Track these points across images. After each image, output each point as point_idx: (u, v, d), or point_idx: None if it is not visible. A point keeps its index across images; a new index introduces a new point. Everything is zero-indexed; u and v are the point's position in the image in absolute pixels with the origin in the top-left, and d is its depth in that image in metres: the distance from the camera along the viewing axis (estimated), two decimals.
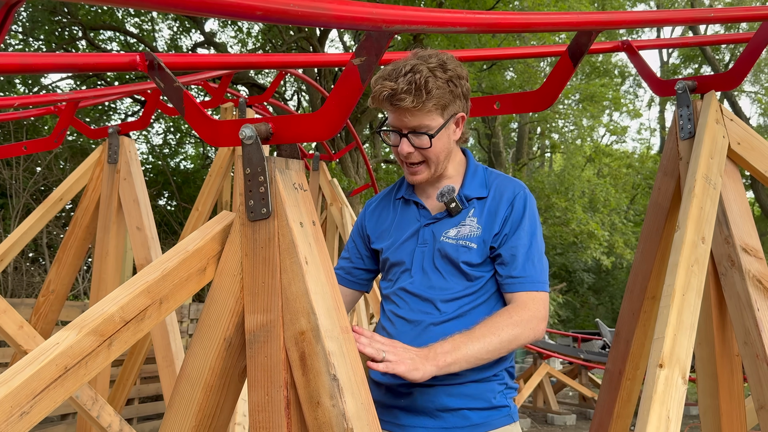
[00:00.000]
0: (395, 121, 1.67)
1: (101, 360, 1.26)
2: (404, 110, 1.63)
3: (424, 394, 1.65)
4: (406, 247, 1.76)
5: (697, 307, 1.85)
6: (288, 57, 2.79)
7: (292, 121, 1.43)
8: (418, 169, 1.72)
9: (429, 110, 1.63)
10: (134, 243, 3.41)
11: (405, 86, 1.59)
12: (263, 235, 1.41)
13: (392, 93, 1.60)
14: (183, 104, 1.55)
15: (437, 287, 1.69)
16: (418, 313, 1.69)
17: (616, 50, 2.61)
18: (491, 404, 1.66)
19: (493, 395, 1.67)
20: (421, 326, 1.67)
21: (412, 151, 1.68)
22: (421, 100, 1.59)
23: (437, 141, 1.68)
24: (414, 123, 1.65)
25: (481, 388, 1.66)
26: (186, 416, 1.45)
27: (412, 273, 1.73)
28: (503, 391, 1.70)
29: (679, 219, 2.00)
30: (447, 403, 1.64)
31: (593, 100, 20.70)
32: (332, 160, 7.11)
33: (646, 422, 1.62)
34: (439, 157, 1.71)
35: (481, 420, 1.65)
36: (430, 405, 1.64)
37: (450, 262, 1.69)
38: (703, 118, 2.20)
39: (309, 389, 1.32)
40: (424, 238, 1.73)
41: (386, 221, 1.85)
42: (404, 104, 1.60)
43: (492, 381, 1.68)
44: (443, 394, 1.64)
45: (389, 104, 1.63)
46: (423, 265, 1.72)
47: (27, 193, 8.50)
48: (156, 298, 1.35)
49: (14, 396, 1.13)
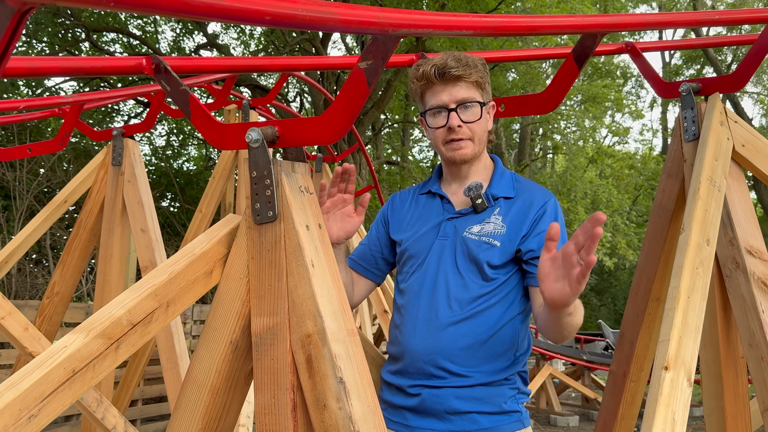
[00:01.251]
0: (443, 96, 1.69)
1: (109, 363, 1.27)
2: (453, 81, 1.67)
3: (432, 396, 1.63)
4: (426, 240, 1.75)
5: (702, 309, 1.84)
6: (293, 60, 2.79)
7: (298, 125, 1.43)
8: (466, 143, 1.72)
9: (474, 83, 1.69)
10: (138, 245, 3.42)
11: (452, 60, 1.66)
12: (269, 238, 1.41)
13: (441, 65, 1.66)
14: (189, 107, 1.56)
15: (453, 284, 1.68)
16: (431, 310, 1.68)
17: (619, 52, 2.61)
18: (501, 409, 1.65)
19: (503, 400, 1.65)
20: (433, 326, 1.66)
21: (461, 124, 1.69)
22: (468, 70, 1.66)
23: (482, 119, 1.72)
24: (462, 94, 1.68)
25: (491, 392, 1.64)
26: (192, 419, 1.46)
27: (429, 266, 1.72)
28: (515, 396, 1.68)
29: (684, 221, 2.00)
30: (456, 405, 1.62)
31: (595, 101, 20.72)
32: (335, 161, 7.12)
33: (652, 425, 1.62)
34: (482, 136, 1.74)
35: (491, 424, 1.63)
36: (438, 407, 1.63)
37: (470, 258, 1.68)
38: (708, 120, 2.20)
39: (315, 392, 1.32)
40: (446, 232, 1.73)
41: (409, 213, 1.84)
42: (454, 72, 1.65)
43: (503, 385, 1.66)
44: (452, 397, 1.62)
45: (438, 78, 1.67)
46: (441, 258, 1.71)
47: (30, 194, 8.52)
48: (163, 301, 1.35)
49: (23, 399, 1.14)
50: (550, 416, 8.88)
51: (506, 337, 1.67)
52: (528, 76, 15.53)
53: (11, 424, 1.12)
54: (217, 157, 15.61)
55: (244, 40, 16.09)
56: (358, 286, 1.88)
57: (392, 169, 17.53)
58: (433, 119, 1.73)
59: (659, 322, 2.49)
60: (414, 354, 1.67)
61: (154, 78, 1.65)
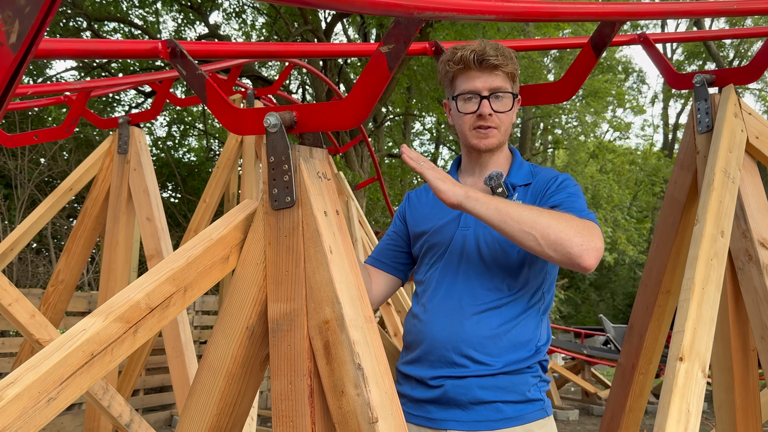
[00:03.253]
0: (477, 83, 1.70)
1: (126, 347, 1.26)
2: (490, 69, 1.68)
3: (456, 387, 1.62)
4: (447, 231, 1.74)
5: (716, 300, 1.84)
6: (306, 46, 2.76)
7: (316, 110, 1.42)
8: (493, 131, 1.72)
9: (508, 74, 1.70)
10: (144, 233, 3.41)
11: (491, 48, 1.67)
12: (287, 223, 1.40)
13: (480, 52, 1.67)
14: (205, 92, 1.54)
15: (477, 273, 1.67)
16: (454, 299, 1.67)
17: (632, 43, 2.60)
18: (525, 397, 1.63)
19: (527, 388, 1.63)
20: (456, 315, 1.65)
21: (492, 113, 1.69)
22: (505, 60, 1.67)
23: (512, 110, 1.73)
24: (497, 83, 1.69)
25: (514, 381, 1.62)
26: (207, 404, 1.45)
27: (452, 256, 1.71)
28: (537, 384, 1.67)
29: (698, 212, 1.99)
30: (480, 395, 1.60)
31: (597, 96, 20.67)
32: (338, 153, 7.11)
33: (667, 415, 1.62)
34: (508, 128, 1.75)
35: (515, 413, 1.61)
36: (462, 398, 1.61)
37: (493, 247, 1.67)
38: (722, 112, 2.19)
39: (333, 378, 1.32)
40: (467, 222, 1.72)
41: (427, 207, 1.84)
42: (493, 60, 1.66)
43: (526, 373, 1.64)
44: (476, 386, 1.61)
45: (476, 64, 1.68)
46: (464, 248, 1.70)
47: (32, 184, 8.50)
48: (181, 286, 1.34)
49: (42, 381, 1.13)
50: None
51: (529, 326, 1.66)
52: (530, 70, 15.47)
53: (31, 407, 1.12)
54: (217, 149, 15.58)
55: (246, 31, 16.03)
56: (377, 282, 1.86)
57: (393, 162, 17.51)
58: (463, 104, 1.72)
59: (669, 315, 2.49)
60: (437, 342, 1.65)
61: (169, 62, 1.64)
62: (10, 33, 0.62)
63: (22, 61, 0.63)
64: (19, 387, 1.10)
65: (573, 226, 1.48)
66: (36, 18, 0.61)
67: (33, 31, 0.61)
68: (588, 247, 1.46)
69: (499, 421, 1.60)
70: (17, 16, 0.62)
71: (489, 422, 1.60)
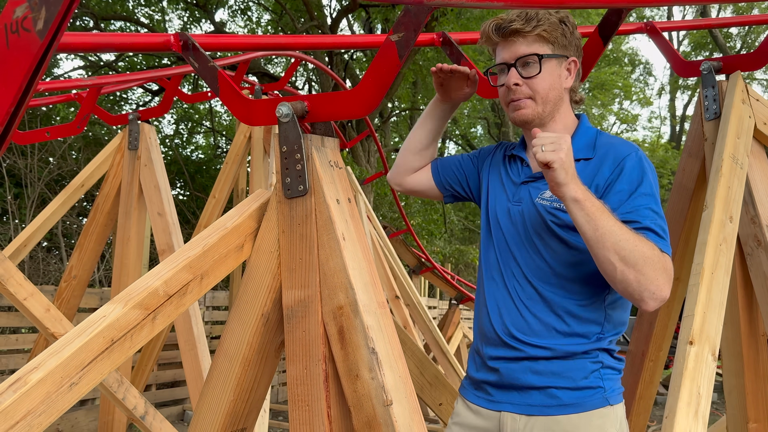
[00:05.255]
0: (503, 53, 1.61)
1: (146, 333, 1.28)
2: (513, 36, 1.58)
3: (509, 371, 1.57)
4: (502, 204, 1.67)
5: (726, 285, 1.85)
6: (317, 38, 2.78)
7: (327, 99, 1.44)
8: (524, 102, 1.60)
9: (538, 37, 1.58)
10: (155, 228, 3.44)
11: (515, 16, 1.58)
12: (300, 212, 1.42)
13: (501, 20, 1.59)
14: (218, 84, 1.57)
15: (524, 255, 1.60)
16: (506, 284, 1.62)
17: (639, 31, 2.61)
18: (579, 385, 1.52)
19: (583, 374, 1.53)
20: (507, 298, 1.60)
21: (519, 83, 1.59)
22: (531, 24, 1.56)
23: (546, 74, 1.59)
24: (523, 49, 1.58)
25: (569, 366, 1.53)
26: (224, 390, 1.48)
27: (504, 234, 1.64)
28: (598, 370, 1.55)
29: (707, 198, 2.00)
30: (531, 380, 1.54)
31: (603, 88, 20.61)
32: (345, 147, 7.12)
33: (677, 398, 1.63)
34: (548, 94, 1.60)
35: (572, 400, 1.52)
36: (516, 381, 1.56)
37: (541, 225, 1.58)
38: (729, 98, 2.19)
39: (348, 362, 1.34)
40: (520, 196, 1.64)
41: (495, 173, 1.75)
42: (512, 26, 1.57)
43: (583, 358, 1.54)
44: (528, 371, 1.55)
45: (498, 33, 1.60)
46: (514, 223, 1.62)
47: (41, 182, 8.55)
48: (197, 274, 1.37)
49: (64, 367, 1.16)
50: None
51: (589, 310, 1.56)
52: None
53: (54, 391, 1.14)
54: (225, 146, 15.63)
55: (252, 28, 16.05)
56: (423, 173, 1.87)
57: None
58: (495, 78, 1.68)
59: (678, 302, 2.50)
60: (486, 330, 1.63)
61: (180, 57, 1.66)
62: (36, 20, 0.64)
63: (49, 47, 0.65)
64: (42, 372, 1.13)
65: (655, 270, 1.38)
66: (62, 5, 0.63)
67: (59, 17, 0.63)
68: (657, 297, 1.40)
69: (554, 407, 1.53)
70: (43, 3, 0.64)
71: (543, 407, 1.53)
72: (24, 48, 0.65)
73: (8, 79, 0.66)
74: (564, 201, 1.41)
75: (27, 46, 0.65)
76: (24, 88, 0.66)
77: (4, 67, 0.67)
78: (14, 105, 0.67)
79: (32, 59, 0.65)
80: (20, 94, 0.67)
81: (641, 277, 1.37)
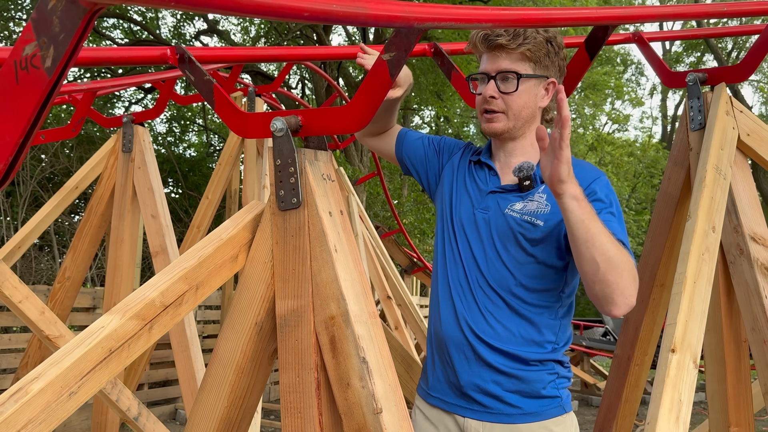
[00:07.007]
0: (486, 64, 1.66)
1: (142, 343, 1.32)
2: (497, 50, 1.63)
3: (471, 376, 1.61)
4: (467, 210, 1.71)
5: (707, 294, 1.90)
6: (306, 50, 2.81)
7: (321, 114, 1.48)
8: (497, 116, 1.66)
9: (521, 55, 1.62)
10: (149, 231, 3.46)
11: (503, 30, 1.61)
12: (293, 224, 1.46)
13: (488, 32, 1.62)
14: (213, 97, 1.60)
15: (486, 261, 1.64)
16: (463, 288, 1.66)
17: (627, 42, 2.66)
18: (540, 394, 1.60)
19: (542, 385, 1.61)
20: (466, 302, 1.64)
21: (495, 96, 1.64)
22: (516, 42, 1.60)
23: (523, 92, 1.64)
24: (505, 65, 1.63)
25: (529, 375, 1.60)
26: (218, 397, 1.52)
27: (467, 238, 1.68)
28: (554, 380, 1.63)
29: (690, 208, 2.05)
30: (492, 388, 1.60)
31: (595, 88, 20.72)
32: (339, 149, 7.16)
33: (659, 405, 1.68)
34: (521, 111, 1.66)
35: (532, 409, 1.60)
36: (475, 388, 1.61)
37: (509, 236, 1.62)
38: (714, 110, 2.24)
39: (339, 371, 1.38)
40: (487, 204, 1.68)
41: (460, 176, 1.78)
42: (498, 40, 1.61)
43: (541, 368, 1.61)
44: (489, 380, 1.60)
45: (484, 44, 1.64)
46: (479, 231, 1.66)
47: (34, 181, 8.56)
48: (193, 284, 1.40)
49: (64, 377, 1.19)
50: None
51: (547, 321, 1.63)
52: None
53: (54, 401, 1.18)
54: (217, 144, 15.63)
55: (245, 25, 16.06)
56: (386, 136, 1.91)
57: None
58: (474, 85, 1.72)
59: (663, 308, 2.56)
60: (447, 334, 1.66)
61: (177, 67, 1.69)
62: (45, 57, 0.68)
63: (56, 83, 0.68)
64: (42, 382, 1.17)
65: (630, 276, 1.44)
66: (69, 44, 0.67)
67: (66, 56, 0.67)
68: (628, 302, 1.45)
69: (514, 416, 1.59)
70: (52, 42, 0.67)
71: (503, 416, 1.59)
72: (32, 84, 0.69)
73: (17, 113, 0.70)
74: (562, 197, 1.43)
75: (35, 82, 0.68)
76: (32, 122, 0.70)
77: (14, 101, 0.70)
78: (23, 137, 0.70)
79: (40, 95, 0.68)
80: (28, 127, 0.71)
81: (620, 280, 1.43)
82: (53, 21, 0.66)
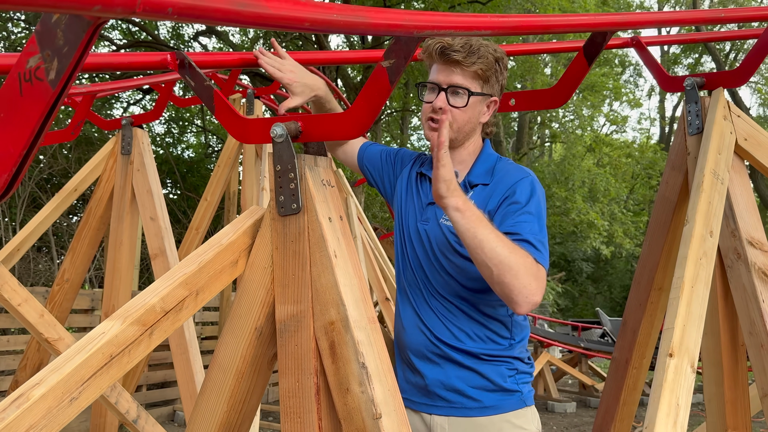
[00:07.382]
0: (439, 76, 1.71)
1: (143, 348, 1.33)
2: (452, 65, 1.67)
3: (434, 373, 1.70)
4: (411, 220, 1.80)
5: (705, 298, 1.91)
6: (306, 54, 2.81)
7: (321, 120, 1.49)
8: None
9: (474, 73, 1.68)
10: (148, 233, 3.47)
11: (459, 45, 1.65)
12: (293, 229, 1.47)
13: (446, 46, 1.66)
14: (213, 102, 1.61)
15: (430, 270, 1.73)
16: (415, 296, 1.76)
17: (625, 46, 2.66)
18: (501, 387, 1.69)
19: (503, 379, 1.69)
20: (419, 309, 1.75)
21: (445, 108, 1.67)
22: (471, 59, 1.65)
23: (470, 108, 1.71)
24: (458, 80, 1.68)
25: (489, 370, 1.69)
26: (218, 401, 1.52)
27: (414, 250, 1.77)
28: (514, 376, 1.72)
29: (688, 213, 2.06)
30: (456, 384, 1.68)
31: (593, 89, 20.72)
32: None
33: (657, 409, 1.69)
34: (464, 126, 1.73)
35: (492, 403, 1.68)
36: (439, 385, 1.70)
37: (443, 245, 1.72)
38: (711, 115, 2.25)
39: (339, 376, 1.39)
40: (427, 216, 1.77)
41: (409, 188, 1.87)
42: (454, 56, 1.65)
43: (499, 364, 1.70)
44: (453, 376, 1.69)
45: (440, 57, 1.68)
46: (423, 242, 1.76)
47: (32, 182, 8.56)
48: (193, 290, 1.41)
49: (65, 382, 1.20)
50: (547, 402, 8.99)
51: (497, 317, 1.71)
52: (527, 64, 15.53)
53: (55, 406, 1.18)
54: (216, 145, 15.63)
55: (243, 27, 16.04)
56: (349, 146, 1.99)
57: None
58: (424, 93, 1.77)
59: (661, 311, 2.56)
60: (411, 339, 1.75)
61: (178, 73, 1.70)
62: (49, 70, 0.68)
63: (60, 95, 0.69)
64: (44, 388, 1.17)
65: (528, 275, 1.51)
66: (73, 57, 0.67)
67: (70, 68, 0.67)
68: (529, 300, 1.52)
69: (475, 409, 1.68)
70: (56, 54, 0.68)
71: (465, 410, 1.68)
72: (36, 96, 0.69)
73: (21, 124, 0.70)
74: (447, 211, 1.51)
75: (39, 94, 0.69)
76: (36, 133, 0.71)
77: (18, 113, 0.71)
78: (27, 147, 0.71)
79: (44, 106, 0.69)
80: (32, 138, 0.71)
81: (515, 281, 1.50)
82: (57, 34, 0.67)
